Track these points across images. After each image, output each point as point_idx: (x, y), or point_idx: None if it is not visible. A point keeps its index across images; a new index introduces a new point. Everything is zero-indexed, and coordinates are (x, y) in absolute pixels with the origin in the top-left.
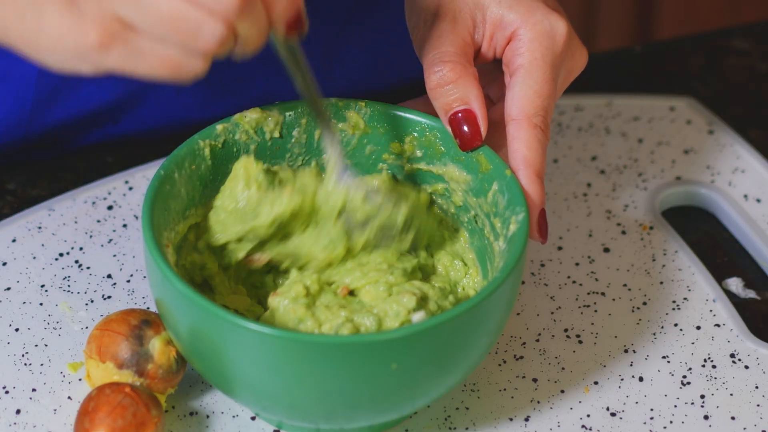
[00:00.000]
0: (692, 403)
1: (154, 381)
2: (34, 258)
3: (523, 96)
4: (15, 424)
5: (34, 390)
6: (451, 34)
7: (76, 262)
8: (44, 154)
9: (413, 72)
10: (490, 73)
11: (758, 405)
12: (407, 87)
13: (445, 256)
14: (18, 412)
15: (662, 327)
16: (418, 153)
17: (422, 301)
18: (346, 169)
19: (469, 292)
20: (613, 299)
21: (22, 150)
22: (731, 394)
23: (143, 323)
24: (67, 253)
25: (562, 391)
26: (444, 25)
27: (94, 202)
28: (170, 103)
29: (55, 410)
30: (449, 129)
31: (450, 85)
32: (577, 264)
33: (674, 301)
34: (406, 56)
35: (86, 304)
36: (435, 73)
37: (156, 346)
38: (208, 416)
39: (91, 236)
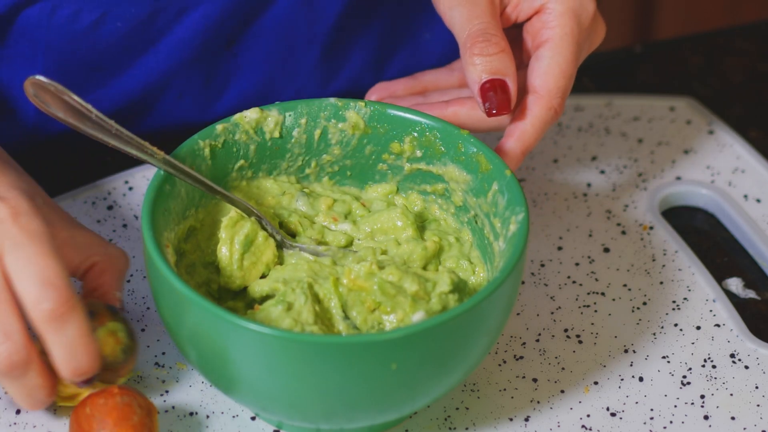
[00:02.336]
0: (692, 403)
1: (101, 373)
2: None
3: (550, 72)
4: (15, 424)
5: None
6: (488, 5)
7: None
8: (46, 157)
9: (414, 71)
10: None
11: (758, 405)
12: None
13: (450, 257)
14: (18, 412)
15: (662, 327)
16: (418, 153)
17: None
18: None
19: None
20: (613, 299)
21: (23, 154)
22: (731, 394)
23: (88, 315)
24: None
25: (562, 391)
26: None
27: (94, 202)
28: (173, 109)
29: (55, 410)
30: (478, 96)
31: (494, 56)
32: (577, 264)
33: (674, 301)
34: (406, 55)
35: None
36: (482, 41)
37: (99, 337)
38: (208, 416)
39: None
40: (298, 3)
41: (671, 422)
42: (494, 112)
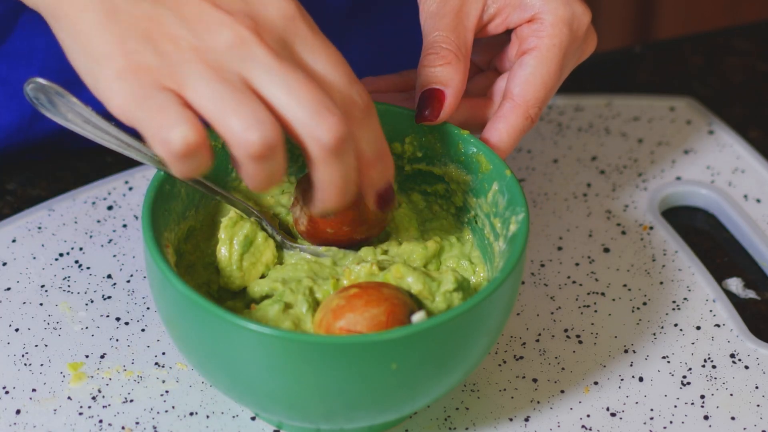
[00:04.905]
0: (692, 403)
1: None
2: (34, 258)
3: (531, 82)
4: (15, 424)
5: (34, 390)
6: (456, 18)
7: (76, 262)
8: (44, 156)
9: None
10: (501, 44)
11: (758, 405)
12: None
13: (451, 257)
14: (18, 412)
15: (662, 327)
16: (418, 153)
17: None
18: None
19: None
20: (613, 299)
21: (22, 153)
22: (731, 394)
23: None
24: (67, 253)
25: (562, 391)
26: (453, 3)
27: (94, 202)
28: None
29: (55, 410)
30: (416, 102)
31: (439, 67)
32: (577, 264)
33: (674, 301)
34: (408, 53)
35: (86, 304)
36: (430, 55)
37: None
38: (208, 416)
39: (91, 236)
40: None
41: (671, 422)
42: (420, 117)
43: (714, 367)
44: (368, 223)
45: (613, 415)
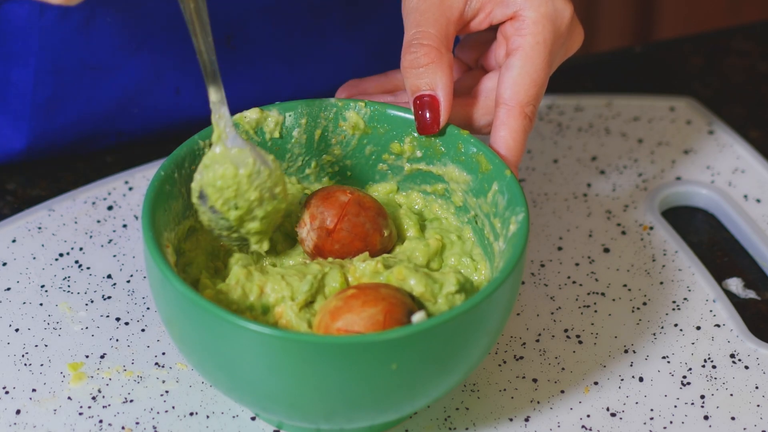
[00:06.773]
0: (692, 404)
1: None
2: (34, 258)
3: (520, 83)
4: (15, 424)
5: (34, 390)
6: (437, 11)
7: (76, 262)
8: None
9: None
10: (487, 42)
11: (758, 405)
12: None
13: (453, 254)
14: (18, 412)
15: (662, 327)
16: (418, 153)
17: None
18: (236, 135)
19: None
20: (613, 299)
21: (22, 156)
22: (731, 395)
23: None
24: (67, 254)
25: (562, 391)
26: None
27: (94, 202)
28: (171, 104)
29: (55, 410)
30: (413, 108)
31: (422, 68)
32: (577, 264)
33: (674, 302)
34: None
35: (86, 304)
36: (411, 53)
37: None
38: (208, 416)
39: (91, 236)
40: None
41: (671, 422)
42: (422, 129)
43: (714, 367)
44: (372, 253)
45: (613, 415)
